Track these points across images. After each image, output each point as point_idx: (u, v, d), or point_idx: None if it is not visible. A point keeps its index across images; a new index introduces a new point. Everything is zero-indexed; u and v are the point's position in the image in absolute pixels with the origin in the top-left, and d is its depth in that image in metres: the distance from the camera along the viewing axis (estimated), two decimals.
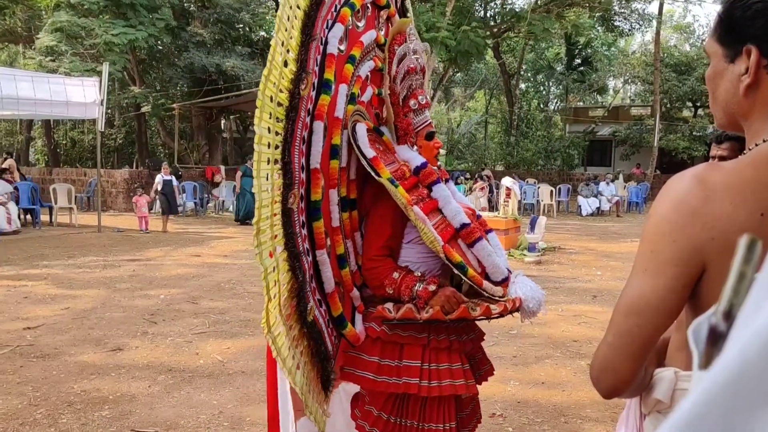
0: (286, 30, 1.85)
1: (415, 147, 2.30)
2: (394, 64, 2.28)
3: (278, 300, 1.82)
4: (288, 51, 1.86)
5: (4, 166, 14.05)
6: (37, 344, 5.04)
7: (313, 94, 1.99)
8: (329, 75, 2.02)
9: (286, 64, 1.85)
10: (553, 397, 4.11)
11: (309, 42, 1.94)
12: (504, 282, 2.17)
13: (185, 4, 21.06)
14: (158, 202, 13.46)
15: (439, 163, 2.43)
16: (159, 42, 19.45)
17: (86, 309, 6.23)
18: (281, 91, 1.83)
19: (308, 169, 1.98)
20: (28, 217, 13.68)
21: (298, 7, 1.90)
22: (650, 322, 1.01)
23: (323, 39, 2.04)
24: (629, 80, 32.32)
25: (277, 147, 1.83)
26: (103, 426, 3.56)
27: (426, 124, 2.30)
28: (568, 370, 4.65)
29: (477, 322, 2.37)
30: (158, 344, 5.10)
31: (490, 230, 2.38)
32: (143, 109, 21.21)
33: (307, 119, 1.96)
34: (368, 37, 2.34)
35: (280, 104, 1.84)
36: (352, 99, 2.23)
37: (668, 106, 26.44)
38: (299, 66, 1.89)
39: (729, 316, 0.47)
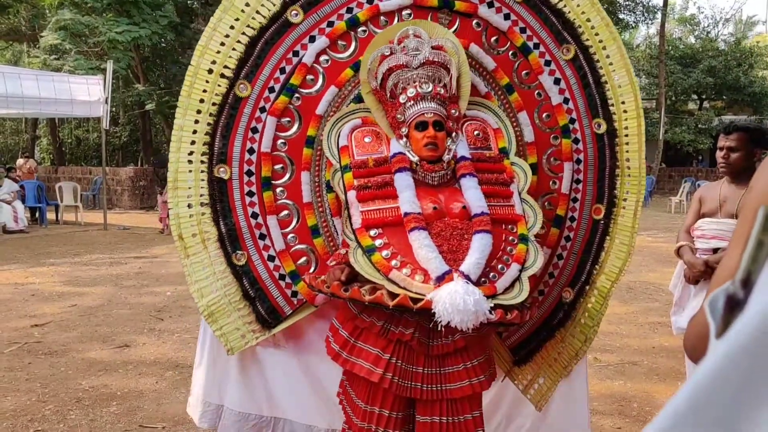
0: (218, 53, 2.46)
1: (404, 140, 2.28)
2: (370, 65, 2.35)
3: (201, 240, 2.47)
4: (225, 66, 2.46)
5: (26, 166, 14.26)
6: (45, 341, 5.07)
7: (272, 95, 2.48)
8: (295, 80, 2.48)
9: (224, 76, 2.46)
10: None
11: (263, 57, 2.48)
12: (441, 281, 1.98)
13: (189, 2, 21.06)
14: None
15: (447, 156, 2.28)
16: (163, 39, 19.43)
17: (93, 306, 6.26)
18: (216, 94, 2.46)
19: (259, 153, 2.48)
20: (35, 215, 13.74)
21: (245, 34, 2.47)
22: None
23: (300, 52, 2.49)
24: (634, 73, 32.21)
25: (207, 134, 2.45)
26: (112, 422, 3.58)
27: (418, 115, 2.26)
28: None
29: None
30: (165, 340, 5.12)
31: (482, 231, 2.14)
32: (148, 107, 21.22)
33: (262, 115, 2.48)
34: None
35: (215, 104, 2.45)
36: (357, 98, 2.46)
37: (673, 98, 26.32)
38: (235, 76, 2.47)
39: (747, 283, 0.47)
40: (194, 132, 2.44)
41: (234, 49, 2.46)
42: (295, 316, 2.53)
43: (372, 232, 2.13)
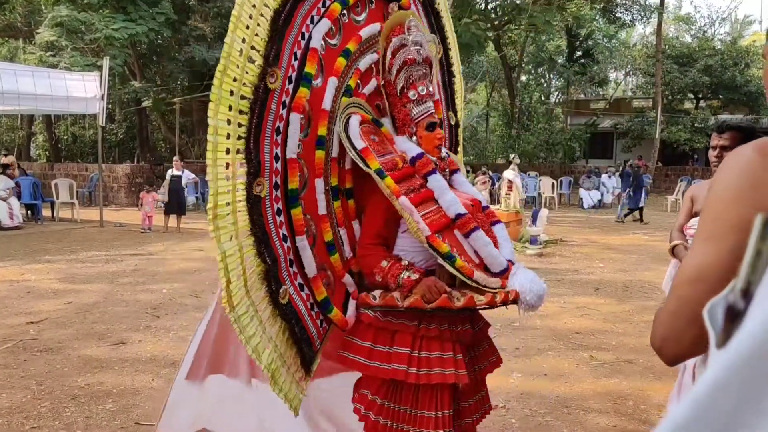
0: (248, 27, 1.92)
1: (415, 138, 2.29)
2: (388, 55, 2.28)
3: (244, 282, 1.93)
4: (252, 47, 1.93)
5: (5, 161, 14.07)
6: (40, 338, 5.05)
7: (290, 87, 2.07)
8: (310, 69, 2.11)
9: (251, 60, 1.93)
10: (556, 388, 4.11)
11: (282, 38, 2.03)
12: (504, 273, 2.16)
13: None
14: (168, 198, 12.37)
15: (445, 153, 2.42)
16: (159, 36, 19.37)
17: (89, 303, 6.25)
18: (245, 84, 1.92)
19: (284, 159, 2.06)
20: (30, 212, 13.69)
21: (267, 6, 1.98)
22: (713, 289, 1.01)
23: (305, 34, 2.12)
24: (631, 72, 32.27)
25: (240, 138, 1.91)
26: (107, 419, 3.57)
27: (426, 114, 2.28)
28: (570, 361, 4.66)
29: (482, 313, 2.38)
30: (161, 338, 5.12)
31: (497, 222, 2.37)
32: (144, 104, 21.17)
33: (283, 111, 2.05)
34: (369, 31, 2.40)
35: (243, 97, 1.92)
36: (347, 91, 2.30)
37: (670, 98, 26.37)
38: (266, 61, 1.97)
39: (747, 293, 0.47)
40: (228, 136, 1.90)
41: (258, 24, 1.96)
42: (321, 351, 2.24)
43: (438, 237, 2.12)
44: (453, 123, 3.00)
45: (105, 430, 3.44)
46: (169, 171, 12.52)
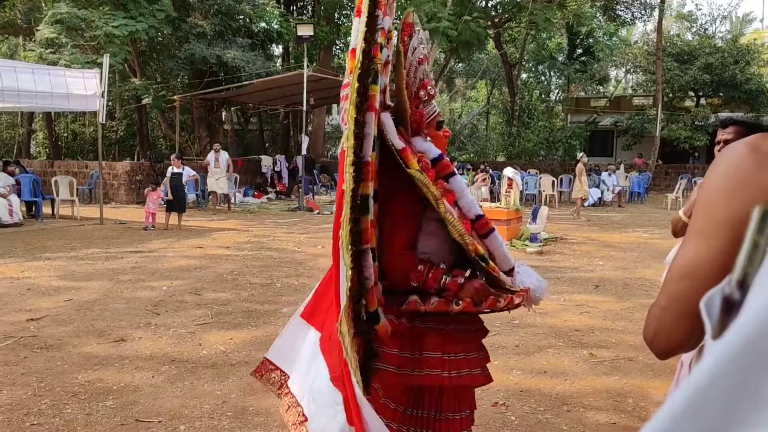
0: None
1: (428, 138, 2.28)
2: (409, 56, 2.21)
3: (347, 298, 1.82)
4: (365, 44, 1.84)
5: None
6: (40, 335, 5.06)
7: (368, 80, 1.93)
8: (378, 61, 1.96)
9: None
10: (555, 386, 4.12)
11: (374, 34, 1.90)
12: (509, 272, 2.19)
13: None
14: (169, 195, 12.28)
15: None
16: (159, 33, 19.38)
17: (89, 300, 6.25)
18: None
19: (366, 162, 1.93)
20: (30, 209, 13.69)
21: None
22: (704, 285, 1.01)
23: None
24: (631, 70, 32.23)
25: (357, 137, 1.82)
26: (108, 416, 3.58)
27: (435, 113, 2.28)
28: (570, 359, 4.66)
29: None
30: (161, 335, 5.12)
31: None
32: (144, 101, 21.16)
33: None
34: (387, 23, 2.28)
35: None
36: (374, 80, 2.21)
37: (670, 95, 26.33)
38: (365, 59, 1.85)
39: (743, 285, 0.47)
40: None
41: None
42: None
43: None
44: None
45: (105, 426, 3.44)
46: (170, 169, 12.48)
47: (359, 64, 1.82)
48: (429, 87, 2.24)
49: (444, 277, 2.05)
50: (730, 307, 0.48)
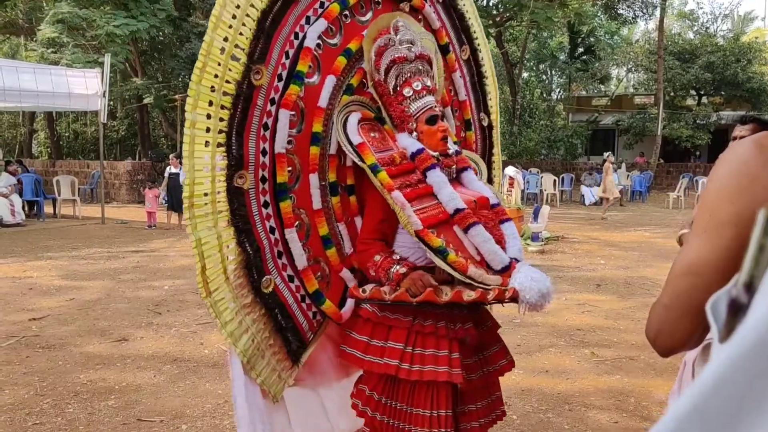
0: (231, 27, 2.02)
1: (415, 134, 2.28)
2: (373, 57, 2.30)
3: (223, 269, 2.02)
4: (236, 46, 2.02)
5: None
6: (42, 335, 5.06)
7: (280, 84, 2.15)
8: (302, 67, 2.19)
9: (235, 58, 2.02)
10: (557, 385, 4.12)
11: (270, 37, 2.12)
12: (506, 271, 2.11)
13: None
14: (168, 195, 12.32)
15: (453, 149, 2.35)
16: (160, 33, 19.37)
17: (91, 300, 6.26)
18: (227, 81, 2.01)
19: (272, 154, 2.14)
20: (32, 209, 13.71)
21: (253, 6, 2.07)
22: (707, 283, 1.01)
23: (299, 34, 2.21)
24: (632, 69, 32.14)
25: (221, 132, 2.00)
26: (110, 415, 3.58)
27: (426, 108, 2.27)
28: (572, 358, 4.66)
29: (491, 313, 2.39)
30: (163, 334, 5.13)
31: (507, 219, 2.36)
32: (145, 101, 21.16)
33: (271, 108, 2.13)
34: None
35: (226, 93, 2.01)
36: (348, 89, 2.36)
37: (672, 94, 26.29)
38: (249, 58, 2.05)
39: (750, 287, 0.47)
40: (207, 130, 1.98)
41: (244, 24, 2.05)
42: (314, 342, 2.30)
43: (431, 232, 2.09)
44: (486, 124, 3.00)
45: (107, 426, 3.45)
46: (168, 168, 12.48)
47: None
48: (414, 83, 2.26)
49: (393, 266, 2.11)
50: (737, 310, 0.48)
